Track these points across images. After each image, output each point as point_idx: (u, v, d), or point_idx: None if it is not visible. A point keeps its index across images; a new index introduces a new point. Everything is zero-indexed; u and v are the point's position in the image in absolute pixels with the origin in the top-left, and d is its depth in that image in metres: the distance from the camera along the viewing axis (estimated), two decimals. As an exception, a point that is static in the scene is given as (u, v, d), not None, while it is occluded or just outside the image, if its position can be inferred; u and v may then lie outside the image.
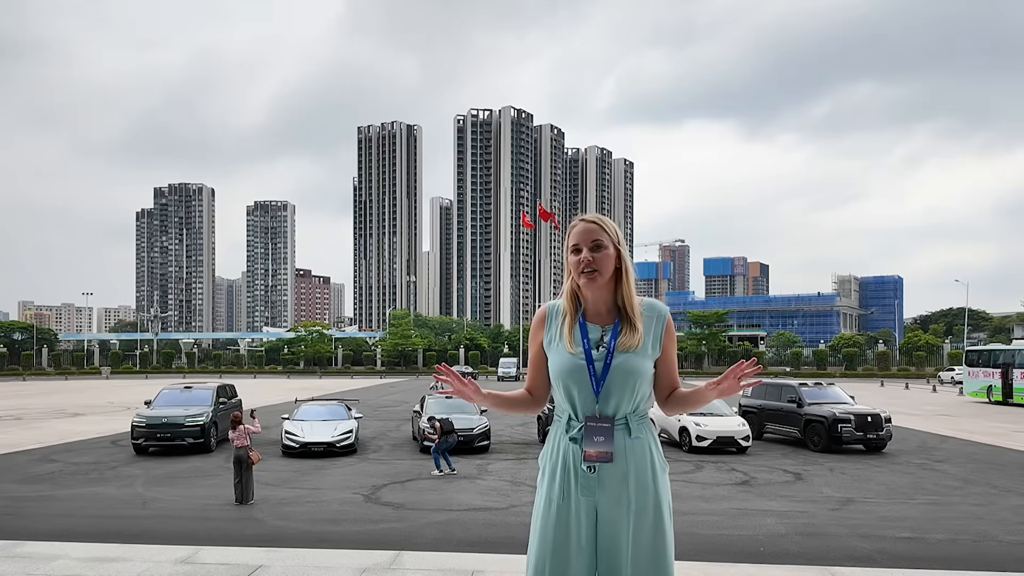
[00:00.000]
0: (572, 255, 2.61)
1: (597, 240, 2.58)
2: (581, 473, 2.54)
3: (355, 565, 6.58)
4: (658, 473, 2.61)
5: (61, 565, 6.61)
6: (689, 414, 17.01)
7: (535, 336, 2.75)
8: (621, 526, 2.53)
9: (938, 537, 8.69)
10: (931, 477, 13.21)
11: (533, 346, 2.76)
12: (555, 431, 2.69)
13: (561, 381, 2.60)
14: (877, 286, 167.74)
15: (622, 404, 2.57)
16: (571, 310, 2.65)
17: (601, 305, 2.65)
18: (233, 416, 11.03)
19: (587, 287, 2.59)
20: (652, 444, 2.64)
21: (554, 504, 2.57)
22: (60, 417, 25.87)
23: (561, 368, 2.60)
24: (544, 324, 2.72)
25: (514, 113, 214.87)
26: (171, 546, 7.46)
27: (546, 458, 2.68)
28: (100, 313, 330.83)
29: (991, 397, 32.86)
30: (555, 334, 2.66)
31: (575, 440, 2.57)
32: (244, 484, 10.42)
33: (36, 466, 14.41)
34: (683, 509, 10.25)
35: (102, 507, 10.49)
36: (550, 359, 2.67)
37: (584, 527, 2.55)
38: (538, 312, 2.78)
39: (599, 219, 2.64)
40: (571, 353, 2.58)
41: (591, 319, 2.66)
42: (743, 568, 7.01)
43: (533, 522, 2.66)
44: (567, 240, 2.65)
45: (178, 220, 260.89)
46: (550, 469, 2.63)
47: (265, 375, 77.45)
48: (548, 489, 2.61)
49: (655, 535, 2.54)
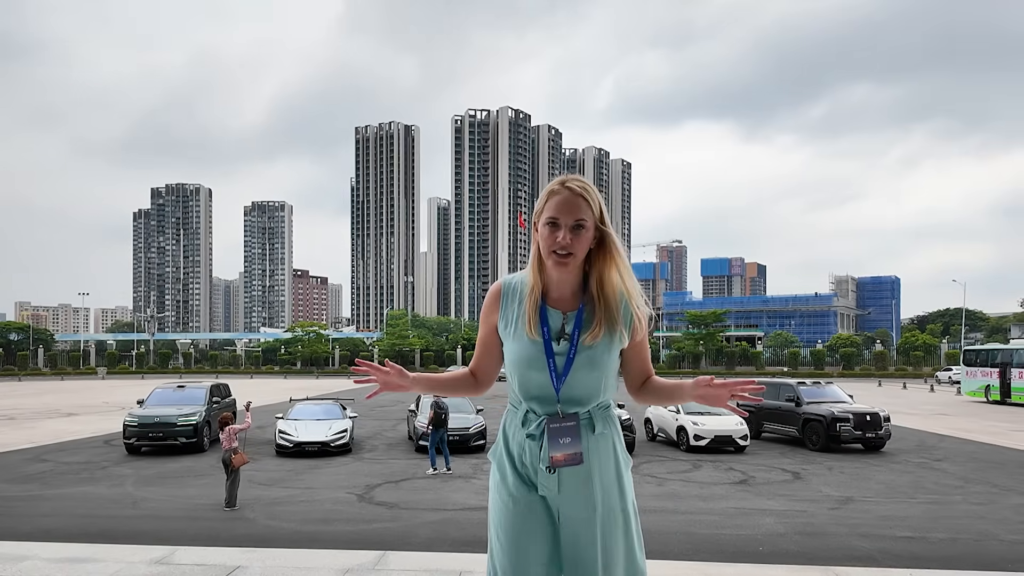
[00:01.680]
0: (547, 228, 2.21)
1: (580, 220, 2.20)
2: (542, 472, 2.26)
3: (338, 566, 6.42)
4: (623, 471, 2.35)
5: (30, 566, 6.39)
6: (687, 413, 16.90)
7: (488, 316, 2.39)
8: (588, 531, 2.26)
9: (939, 536, 8.57)
10: (931, 476, 13.10)
11: (485, 326, 2.41)
12: (510, 423, 2.38)
13: (518, 373, 2.30)
14: (874, 286, 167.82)
15: (586, 400, 2.28)
16: (536, 291, 2.28)
17: (566, 288, 2.30)
18: (221, 417, 10.84)
19: (555, 269, 2.24)
20: (616, 439, 2.36)
21: (512, 505, 2.30)
22: (54, 417, 25.69)
23: (519, 359, 2.27)
24: (499, 304, 2.36)
25: (512, 113, 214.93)
26: (147, 546, 7.28)
27: (500, 453, 2.39)
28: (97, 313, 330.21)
29: (989, 396, 32.78)
30: (513, 317, 2.31)
31: (533, 437, 2.28)
32: (228, 488, 10.19)
33: (27, 466, 14.25)
34: (681, 508, 10.13)
35: (90, 507, 10.33)
36: (506, 346, 2.35)
37: (546, 531, 2.29)
38: (492, 289, 2.40)
39: (585, 189, 2.24)
40: (532, 342, 2.25)
41: (552, 303, 2.31)
42: (744, 568, 6.88)
43: (490, 526, 2.39)
44: (541, 206, 2.25)
45: (175, 220, 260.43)
46: (507, 466, 2.35)
47: (262, 375, 77.20)
48: (503, 489, 2.34)
49: (626, 540, 2.30)
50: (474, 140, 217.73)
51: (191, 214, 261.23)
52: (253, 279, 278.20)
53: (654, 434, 18.52)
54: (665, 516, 9.63)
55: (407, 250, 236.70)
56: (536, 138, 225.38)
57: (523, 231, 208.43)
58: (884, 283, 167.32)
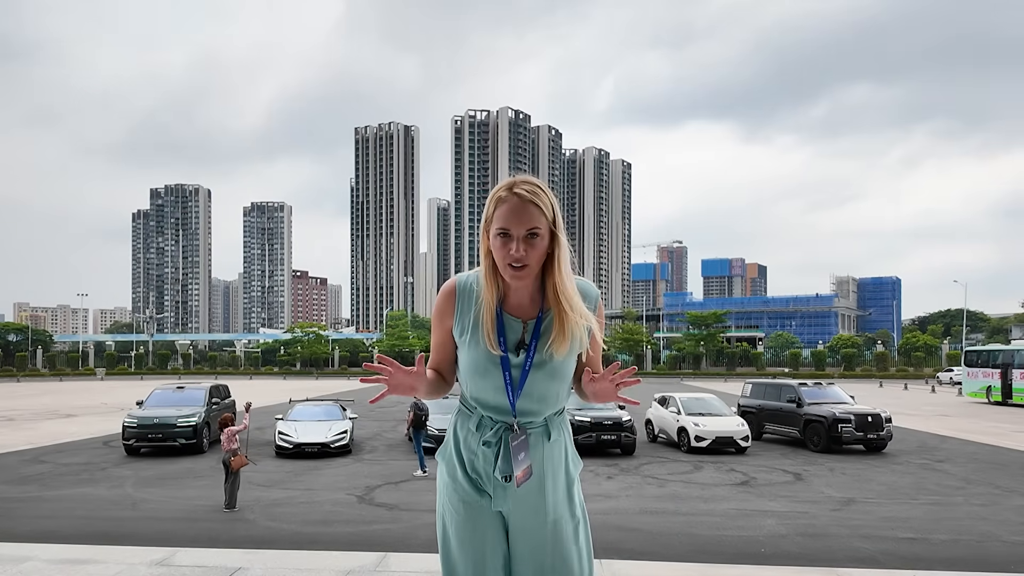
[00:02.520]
0: (499, 239, 2.06)
1: (533, 229, 2.04)
2: (496, 483, 2.19)
3: (339, 567, 6.38)
4: (573, 476, 2.30)
5: (30, 567, 6.37)
6: (688, 414, 16.86)
7: (442, 320, 2.24)
8: (538, 539, 2.21)
9: (941, 538, 8.54)
10: (932, 477, 13.06)
11: (440, 331, 2.26)
12: (462, 425, 2.27)
13: (472, 383, 2.20)
14: (875, 287, 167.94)
15: (542, 412, 2.22)
16: (491, 300, 2.14)
17: (524, 295, 2.17)
18: (221, 419, 10.80)
19: (512, 282, 2.11)
20: (568, 443, 2.31)
21: (464, 511, 2.23)
22: (53, 418, 25.64)
23: (474, 369, 2.18)
24: (454, 305, 2.21)
25: (512, 114, 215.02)
26: (148, 547, 7.24)
27: (450, 455, 2.28)
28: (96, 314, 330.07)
29: (990, 397, 32.75)
30: (468, 324, 2.18)
31: (489, 444, 2.19)
32: (227, 490, 10.13)
33: (26, 467, 14.20)
34: (682, 510, 10.09)
35: (89, 508, 10.29)
36: (461, 352, 2.23)
37: (500, 537, 2.24)
38: (445, 288, 2.23)
39: (535, 193, 2.06)
40: (488, 354, 2.14)
41: (511, 310, 2.18)
42: (748, 570, 6.85)
43: (441, 528, 2.32)
44: (490, 213, 2.09)
45: (174, 221, 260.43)
46: (457, 469, 2.26)
47: (261, 376, 77.17)
48: (454, 493, 2.25)
49: (576, 546, 2.25)
50: (474, 140, 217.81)
51: (190, 215, 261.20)
52: (252, 280, 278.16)
53: (655, 435, 18.47)
54: (666, 517, 9.59)
55: (407, 251, 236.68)
56: (536, 138, 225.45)
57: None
58: (885, 284, 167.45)
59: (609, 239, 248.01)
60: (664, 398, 18.49)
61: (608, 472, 13.52)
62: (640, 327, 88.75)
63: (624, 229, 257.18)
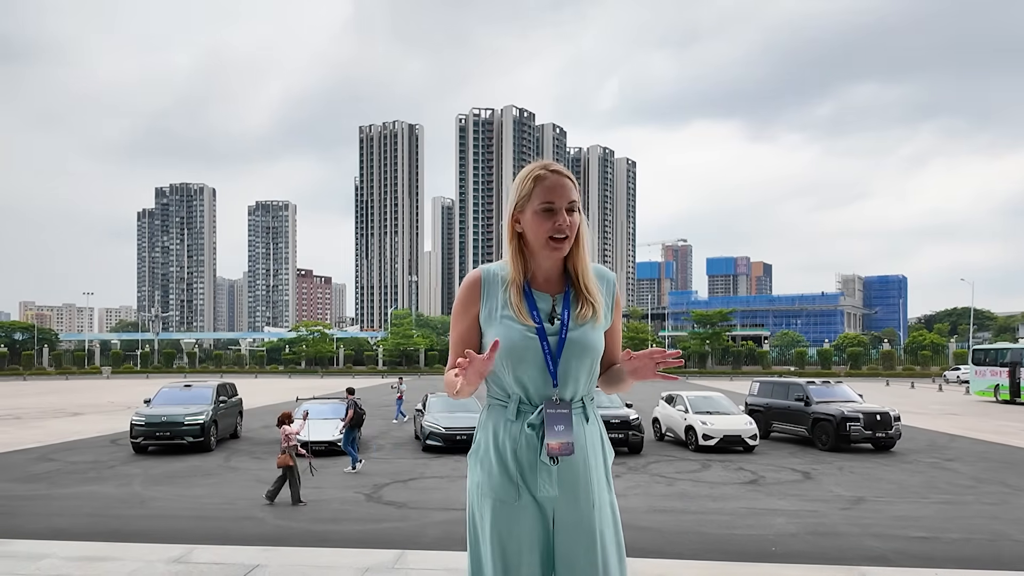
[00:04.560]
0: (541, 215, 2.15)
1: (573, 202, 2.17)
2: (541, 467, 2.15)
3: (357, 564, 6.37)
4: (609, 463, 2.33)
5: (48, 564, 6.39)
6: (695, 412, 16.82)
7: (467, 309, 2.25)
8: (587, 533, 2.19)
9: (953, 536, 8.48)
10: (942, 476, 12.99)
11: (465, 320, 2.25)
12: (495, 419, 2.26)
13: (511, 360, 2.17)
14: (881, 286, 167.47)
15: (580, 385, 2.22)
16: (519, 279, 2.21)
17: (553, 271, 2.25)
18: (281, 415, 11.14)
19: (551, 257, 2.19)
20: (602, 430, 2.34)
21: (502, 510, 2.18)
22: (60, 416, 25.71)
23: (512, 345, 2.15)
24: (480, 293, 2.24)
25: (516, 112, 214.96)
26: (165, 545, 7.25)
27: (487, 451, 2.24)
28: (101, 313, 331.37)
29: (998, 396, 32.62)
30: (497, 305, 2.21)
31: (533, 427, 2.17)
32: (290, 488, 10.29)
33: (34, 465, 14.23)
34: (692, 508, 10.06)
35: (99, 506, 10.30)
36: (495, 334, 2.18)
37: (539, 535, 2.20)
38: (469, 278, 2.26)
39: (570, 173, 2.22)
40: (522, 326, 2.16)
41: (539, 287, 2.25)
42: (767, 568, 6.81)
43: (474, 529, 2.27)
44: (529, 191, 2.18)
45: (179, 220, 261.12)
46: (496, 464, 2.20)
47: (267, 375, 77.32)
48: (493, 488, 2.20)
49: (616, 537, 2.26)
50: (478, 139, 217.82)
51: (195, 214, 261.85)
52: (257, 279, 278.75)
53: (662, 434, 18.43)
54: (676, 516, 9.56)
55: (411, 249, 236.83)
56: (540, 137, 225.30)
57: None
58: (891, 282, 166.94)
59: (614, 237, 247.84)
60: (671, 396, 18.46)
61: (616, 471, 13.48)
62: (645, 326, 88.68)
63: (629, 227, 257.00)
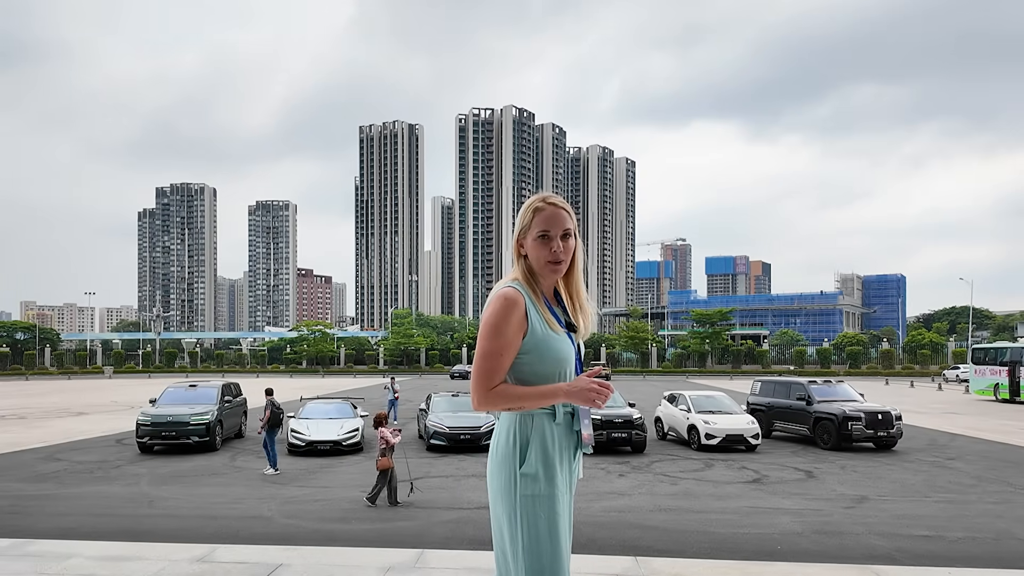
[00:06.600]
0: (539, 241, 2.51)
1: (568, 229, 2.52)
2: (576, 460, 2.59)
3: (379, 563, 6.46)
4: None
5: (75, 564, 6.49)
6: (698, 412, 16.89)
7: (520, 324, 2.47)
8: (571, 510, 2.64)
9: (957, 535, 8.56)
10: (944, 475, 13.07)
11: (518, 336, 2.47)
12: (535, 424, 2.50)
13: (559, 368, 2.51)
14: (880, 285, 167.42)
15: None
16: (537, 295, 2.54)
17: (550, 289, 2.64)
18: (377, 415, 11.41)
19: (550, 277, 2.56)
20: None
21: (560, 507, 2.48)
22: (64, 416, 25.77)
23: (567, 356, 2.53)
24: (525, 315, 2.49)
25: (516, 112, 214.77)
26: (189, 544, 7.33)
27: (539, 457, 2.47)
28: (102, 313, 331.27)
29: (998, 395, 32.69)
30: (538, 319, 2.50)
31: (571, 424, 2.57)
32: (387, 487, 10.45)
33: (41, 465, 14.30)
34: (696, 507, 10.13)
35: (107, 506, 10.38)
36: (550, 346, 2.48)
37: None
38: (515, 297, 2.49)
39: (566, 204, 2.57)
40: (563, 337, 2.55)
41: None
42: (782, 567, 6.88)
43: (545, 525, 2.45)
44: (529, 221, 2.54)
45: (180, 220, 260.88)
46: (555, 465, 2.48)
47: (268, 374, 77.31)
48: (555, 495, 2.47)
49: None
50: (478, 139, 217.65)
51: (196, 214, 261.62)
52: (257, 278, 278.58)
53: (664, 433, 18.50)
54: (681, 515, 9.64)
55: (411, 249, 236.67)
56: (540, 137, 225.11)
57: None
58: (890, 281, 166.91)
59: (613, 237, 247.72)
60: (673, 396, 18.52)
61: (620, 470, 13.56)
62: (645, 325, 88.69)
63: (628, 227, 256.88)
